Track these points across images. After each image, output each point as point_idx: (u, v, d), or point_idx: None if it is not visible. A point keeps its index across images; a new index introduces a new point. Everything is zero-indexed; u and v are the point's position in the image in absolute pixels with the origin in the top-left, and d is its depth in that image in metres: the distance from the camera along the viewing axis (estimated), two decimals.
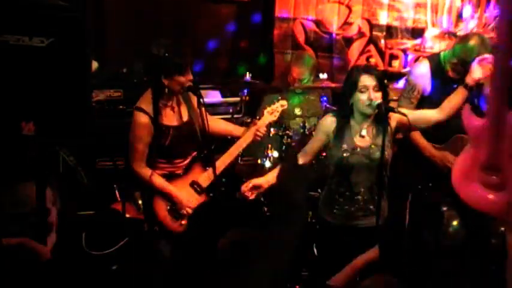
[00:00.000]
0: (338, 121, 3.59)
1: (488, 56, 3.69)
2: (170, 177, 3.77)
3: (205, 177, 3.82)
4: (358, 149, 3.55)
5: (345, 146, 3.55)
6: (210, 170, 3.78)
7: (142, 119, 3.64)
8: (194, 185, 3.82)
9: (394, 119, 3.59)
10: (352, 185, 3.55)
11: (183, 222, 3.76)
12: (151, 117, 3.64)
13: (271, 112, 4.02)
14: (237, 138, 3.95)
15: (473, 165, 2.78)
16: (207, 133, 3.61)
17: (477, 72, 3.65)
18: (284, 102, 4.10)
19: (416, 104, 4.15)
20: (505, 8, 2.49)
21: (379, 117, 3.53)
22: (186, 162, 3.82)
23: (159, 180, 3.72)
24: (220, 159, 3.85)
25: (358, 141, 3.57)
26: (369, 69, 3.56)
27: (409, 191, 4.20)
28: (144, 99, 3.69)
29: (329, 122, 3.64)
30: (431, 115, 3.71)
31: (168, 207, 3.75)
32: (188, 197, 3.78)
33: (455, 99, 3.70)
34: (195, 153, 3.85)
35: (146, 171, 3.71)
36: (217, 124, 4.00)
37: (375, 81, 3.47)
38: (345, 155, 3.54)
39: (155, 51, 3.57)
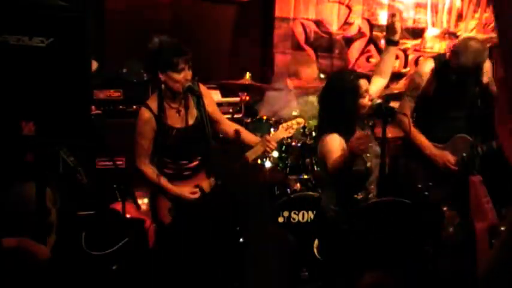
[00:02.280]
0: (344, 137, 3.44)
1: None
2: (176, 177, 3.77)
3: (208, 184, 3.83)
4: (368, 155, 3.52)
5: (360, 159, 3.47)
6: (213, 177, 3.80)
7: (145, 114, 3.67)
8: (198, 188, 3.82)
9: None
10: (367, 186, 3.53)
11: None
12: (155, 114, 3.66)
13: (286, 128, 4.02)
14: (248, 146, 3.95)
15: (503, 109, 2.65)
16: (206, 134, 3.61)
17: (397, 26, 3.70)
18: (301, 120, 4.10)
19: (416, 103, 4.17)
20: None
21: (381, 120, 3.54)
22: (192, 164, 3.82)
23: (163, 180, 3.73)
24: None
25: None
26: (359, 74, 3.57)
27: (409, 190, 4.23)
28: (152, 97, 3.74)
29: (339, 140, 3.46)
30: (380, 83, 3.71)
31: (169, 207, 3.76)
32: (191, 190, 3.79)
33: (389, 58, 3.75)
34: (201, 156, 3.85)
35: (149, 169, 3.72)
36: (232, 129, 3.99)
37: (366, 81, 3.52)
38: (368, 165, 3.48)
39: (150, 46, 3.60)
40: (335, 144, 3.44)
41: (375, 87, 3.67)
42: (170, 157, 3.77)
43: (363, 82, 3.48)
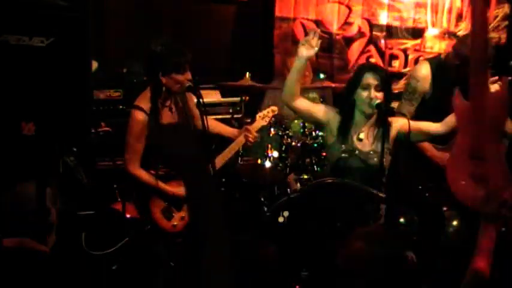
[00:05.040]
0: (340, 119, 3.60)
1: (495, 78, 3.61)
2: (166, 177, 3.77)
3: None
4: (357, 152, 3.54)
5: (343, 147, 3.55)
6: None
7: (139, 116, 3.64)
8: None
9: (395, 127, 3.58)
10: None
11: (175, 223, 3.78)
12: (148, 116, 3.64)
13: (262, 117, 4.12)
14: (230, 139, 3.98)
15: (462, 154, 2.70)
16: (207, 134, 3.60)
17: None
18: (275, 108, 4.20)
19: (416, 106, 4.16)
20: None
21: (381, 120, 3.53)
22: None
23: (160, 182, 3.72)
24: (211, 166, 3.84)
25: (357, 143, 3.57)
26: (374, 68, 3.60)
27: (409, 191, 4.22)
28: (142, 98, 3.69)
29: (332, 114, 3.65)
30: (431, 127, 3.66)
31: (162, 208, 3.76)
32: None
33: None
34: None
35: (143, 173, 3.70)
36: (211, 124, 3.99)
37: (378, 80, 3.49)
38: (343, 155, 3.54)
39: (153, 49, 3.59)
40: (321, 106, 3.71)
41: (425, 126, 3.64)
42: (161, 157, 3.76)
43: (369, 75, 3.51)
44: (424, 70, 4.18)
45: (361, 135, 3.58)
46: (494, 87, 3.40)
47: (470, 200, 2.68)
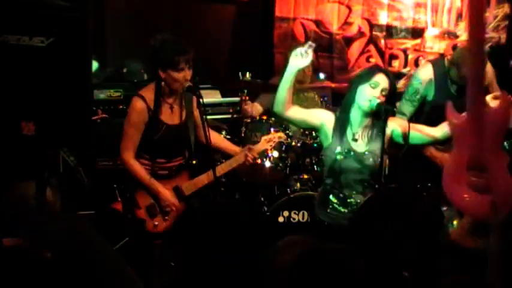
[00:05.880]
0: (337, 118, 3.60)
1: (496, 94, 3.49)
2: (154, 177, 3.77)
3: (188, 186, 3.82)
4: (352, 153, 3.54)
5: (339, 148, 3.54)
6: (194, 179, 3.81)
7: (140, 104, 3.64)
8: (176, 190, 3.81)
9: (390, 126, 3.57)
10: (343, 188, 3.55)
11: (157, 222, 3.78)
12: (149, 107, 3.65)
13: (268, 141, 4.08)
14: (229, 155, 3.97)
15: (460, 167, 2.59)
16: (206, 134, 3.59)
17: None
18: (282, 135, 4.17)
19: (417, 107, 4.16)
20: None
21: (378, 121, 3.53)
22: (170, 164, 3.81)
23: (153, 180, 3.72)
24: (207, 173, 3.83)
25: (353, 144, 3.56)
26: (388, 74, 3.56)
27: (407, 190, 4.22)
28: (146, 89, 3.71)
29: (327, 117, 3.63)
30: (429, 132, 3.64)
31: (148, 204, 3.76)
32: (173, 196, 3.78)
33: None
34: (181, 157, 3.85)
35: (137, 165, 3.70)
36: (213, 137, 3.99)
37: (387, 85, 3.48)
38: (338, 157, 3.53)
39: (152, 44, 3.61)
40: (314, 111, 3.70)
41: (424, 131, 3.61)
42: (150, 153, 3.75)
43: (381, 77, 3.49)
44: (428, 72, 4.18)
45: (357, 136, 3.58)
46: (494, 103, 3.35)
47: (479, 213, 2.53)
